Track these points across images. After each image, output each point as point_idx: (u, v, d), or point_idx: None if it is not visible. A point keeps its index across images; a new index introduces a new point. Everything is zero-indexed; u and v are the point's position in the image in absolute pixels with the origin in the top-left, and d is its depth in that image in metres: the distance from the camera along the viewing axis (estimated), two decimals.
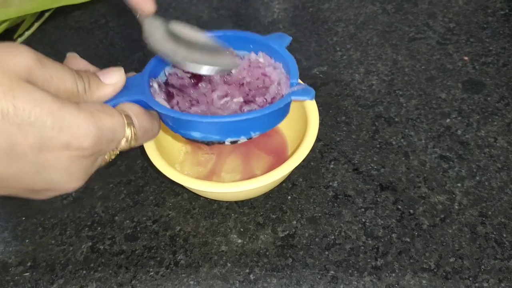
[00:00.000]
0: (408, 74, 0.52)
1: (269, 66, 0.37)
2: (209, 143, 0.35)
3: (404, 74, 0.52)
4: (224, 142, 0.34)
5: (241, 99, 0.35)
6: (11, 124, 0.25)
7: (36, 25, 0.64)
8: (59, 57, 0.31)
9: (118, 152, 0.33)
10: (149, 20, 0.35)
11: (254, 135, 0.34)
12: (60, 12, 0.65)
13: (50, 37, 0.64)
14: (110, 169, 0.47)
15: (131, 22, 0.63)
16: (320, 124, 0.47)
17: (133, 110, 0.32)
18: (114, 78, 0.32)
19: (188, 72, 0.36)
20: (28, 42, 0.62)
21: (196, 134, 0.33)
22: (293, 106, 0.43)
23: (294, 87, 0.34)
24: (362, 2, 0.62)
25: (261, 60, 0.37)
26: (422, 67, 0.53)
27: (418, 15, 0.59)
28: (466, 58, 0.53)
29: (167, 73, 0.37)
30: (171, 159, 0.43)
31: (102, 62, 0.58)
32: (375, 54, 0.55)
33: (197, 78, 0.37)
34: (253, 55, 0.37)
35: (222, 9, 0.64)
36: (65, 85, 0.28)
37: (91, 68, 0.33)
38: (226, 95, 0.36)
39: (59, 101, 0.27)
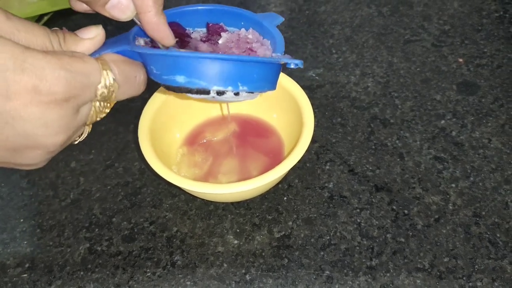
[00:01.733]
0: (403, 76, 0.53)
1: (256, 42, 0.37)
2: (192, 91, 0.32)
3: (399, 76, 0.53)
4: (209, 92, 0.32)
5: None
6: None
7: None
8: None
9: (107, 110, 0.32)
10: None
11: (242, 89, 0.32)
12: (59, 15, 0.66)
13: None
14: (107, 171, 0.47)
15: (130, 27, 0.64)
16: (316, 125, 0.48)
17: (111, 57, 0.30)
18: (92, 33, 0.30)
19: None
20: None
21: (180, 79, 0.31)
22: (289, 107, 0.43)
23: (281, 55, 0.34)
24: (358, 5, 0.62)
25: (250, 36, 0.37)
26: (417, 69, 0.53)
27: (413, 18, 0.59)
28: (460, 60, 0.54)
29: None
30: (168, 161, 0.43)
31: None
32: (371, 56, 0.55)
33: (184, 45, 0.36)
34: (243, 30, 0.37)
35: None
36: (35, 38, 0.27)
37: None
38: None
39: (23, 46, 0.25)
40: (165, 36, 0.33)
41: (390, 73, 0.53)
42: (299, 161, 0.38)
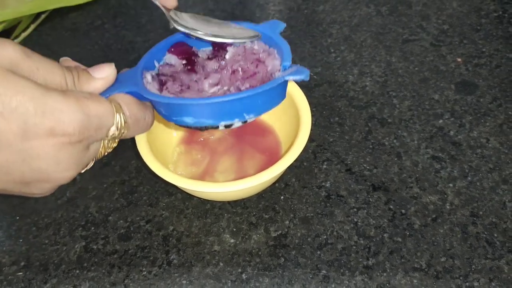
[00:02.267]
0: (401, 76, 0.52)
1: (263, 52, 0.37)
2: (202, 129, 0.34)
3: (397, 76, 0.53)
4: (218, 127, 0.33)
5: (232, 89, 0.35)
6: None
7: (33, 26, 0.64)
8: (56, 58, 0.31)
9: (114, 145, 0.33)
10: (173, 12, 0.36)
11: (249, 117, 0.34)
12: (56, 13, 0.66)
13: (46, 38, 0.64)
14: (104, 169, 0.47)
15: (126, 24, 0.64)
16: (314, 125, 0.48)
17: (123, 99, 0.32)
18: (104, 72, 0.32)
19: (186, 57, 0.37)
20: (24, 44, 0.63)
21: (188, 120, 0.33)
22: (286, 106, 0.43)
23: (287, 70, 0.34)
24: (356, 4, 0.62)
25: (255, 47, 0.37)
26: (416, 69, 0.53)
27: (412, 17, 0.59)
28: (459, 59, 0.53)
29: (158, 65, 0.38)
30: (165, 160, 0.43)
31: (98, 63, 0.58)
32: (369, 55, 0.55)
33: (191, 63, 0.37)
34: (248, 43, 0.37)
35: (217, 10, 0.64)
36: (53, 77, 0.28)
37: (82, 67, 0.33)
38: (217, 84, 0.36)
39: (43, 88, 0.27)
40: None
41: (388, 72, 0.53)
42: (296, 160, 0.38)
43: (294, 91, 0.43)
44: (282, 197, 0.43)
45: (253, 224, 0.41)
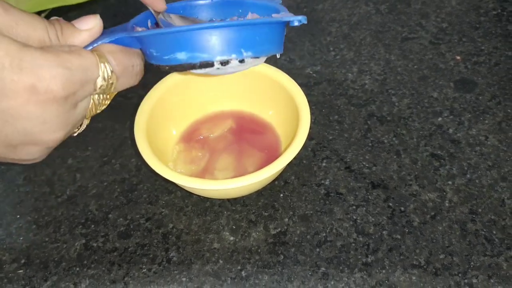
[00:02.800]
0: (400, 74, 0.53)
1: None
2: (196, 66, 0.31)
3: (396, 74, 0.53)
4: (213, 64, 0.31)
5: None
6: None
7: None
8: None
9: (107, 102, 0.32)
10: (163, 14, 0.35)
11: (246, 55, 0.31)
12: (56, 13, 0.66)
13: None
14: (104, 167, 0.47)
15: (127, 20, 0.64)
16: (313, 123, 0.48)
17: (107, 47, 0.30)
18: (89, 24, 0.30)
19: None
20: None
21: (181, 56, 0.31)
22: (285, 104, 0.43)
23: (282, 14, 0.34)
24: (356, 3, 0.62)
25: (249, 17, 0.37)
26: (415, 67, 0.53)
27: (411, 15, 0.59)
28: (458, 57, 0.53)
29: (150, 25, 0.37)
30: (165, 158, 0.43)
31: None
32: (368, 53, 0.55)
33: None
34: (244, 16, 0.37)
35: None
36: (34, 31, 0.27)
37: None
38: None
39: (19, 43, 0.25)
40: (155, 1, 0.34)
41: (387, 70, 0.53)
42: (295, 158, 0.38)
43: (293, 89, 0.43)
44: (281, 195, 0.43)
45: (252, 222, 0.42)
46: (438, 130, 0.47)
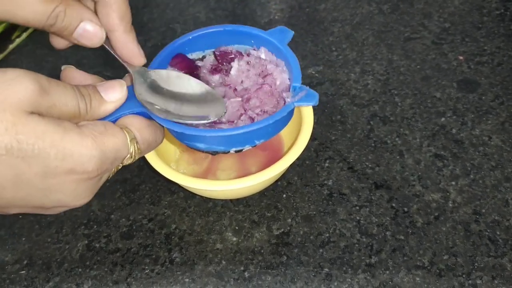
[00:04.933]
0: (403, 74, 0.52)
1: (270, 63, 0.36)
2: (214, 153, 0.35)
3: (399, 74, 0.52)
4: (229, 152, 0.34)
5: (239, 99, 0.35)
6: (16, 157, 0.26)
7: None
8: (57, 57, 0.31)
9: (121, 165, 0.33)
10: (137, 72, 0.34)
11: (259, 142, 0.34)
12: None
13: (47, 38, 0.64)
14: None
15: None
16: (316, 123, 0.48)
17: (135, 124, 0.32)
18: (115, 95, 0.32)
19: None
20: (25, 43, 0.63)
21: (200, 145, 0.34)
22: None
23: (298, 94, 0.34)
24: (358, 3, 0.62)
25: (262, 56, 0.37)
26: (417, 67, 0.53)
27: (413, 15, 0.59)
28: (461, 57, 0.53)
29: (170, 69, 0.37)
30: (167, 158, 0.43)
31: (100, 62, 0.58)
32: (371, 54, 0.55)
33: (193, 76, 0.36)
34: (253, 51, 0.37)
35: (219, 9, 0.64)
36: (67, 109, 0.29)
37: (89, 79, 0.33)
38: (224, 96, 0.36)
39: (61, 130, 0.27)
40: (134, 55, 0.34)
41: (390, 70, 0.53)
42: (298, 159, 0.38)
43: None
44: (284, 195, 0.43)
45: (255, 222, 0.41)
46: (441, 130, 0.47)
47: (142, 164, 0.47)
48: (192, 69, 0.37)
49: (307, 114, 0.40)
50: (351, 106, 0.50)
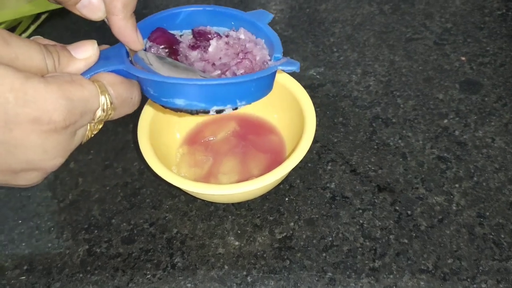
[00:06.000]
0: (405, 75, 0.52)
1: (249, 42, 0.36)
2: (192, 112, 0.32)
3: (401, 75, 0.52)
4: (209, 112, 0.32)
5: (218, 72, 0.34)
6: None
7: (33, 27, 0.64)
8: None
9: (100, 126, 0.32)
10: (139, 53, 0.34)
11: (240, 104, 0.33)
12: (57, 14, 0.65)
13: (47, 39, 0.63)
14: (106, 171, 0.47)
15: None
16: (317, 125, 0.47)
17: (108, 78, 0.30)
18: (86, 52, 0.30)
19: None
20: None
21: (180, 102, 0.32)
22: (290, 106, 0.43)
23: (279, 60, 0.33)
24: (359, 3, 0.62)
25: (241, 36, 0.36)
26: (419, 68, 0.53)
27: (415, 16, 0.59)
28: (463, 58, 0.53)
29: (146, 46, 0.36)
30: (168, 161, 0.43)
31: None
32: (372, 55, 0.55)
33: (174, 53, 0.36)
34: (232, 32, 0.37)
35: None
36: (32, 61, 0.27)
37: (60, 45, 0.31)
38: (203, 71, 0.35)
39: (23, 76, 0.26)
40: (132, 40, 0.33)
41: (392, 71, 0.53)
42: (300, 161, 0.37)
43: (298, 91, 0.42)
44: (286, 199, 0.43)
45: (257, 226, 0.41)
46: (444, 132, 0.46)
47: (143, 168, 0.47)
48: (172, 43, 0.36)
49: (309, 117, 0.40)
50: (353, 108, 0.49)
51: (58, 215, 0.44)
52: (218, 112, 0.33)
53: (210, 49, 0.36)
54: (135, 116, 0.42)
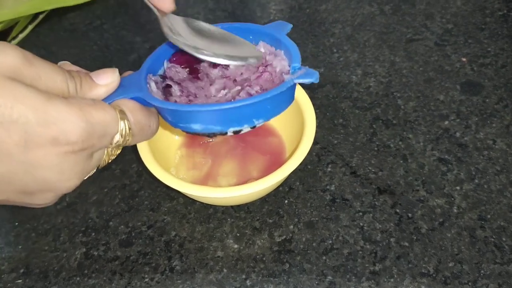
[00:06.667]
0: (406, 76, 0.52)
1: (269, 54, 0.36)
2: (211, 135, 0.33)
3: (401, 76, 0.52)
4: (226, 133, 0.33)
5: (238, 87, 0.34)
6: None
7: (30, 27, 0.63)
8: (54, 60, 0.30)
9: (118, 152, 0.32)
10: (168, 18, 0.34)
11: (258, 123, 0.33)
12: (54, 14, 0.65)
13: (44, 39, 0.63)
14: (104, 173, 0.46)
15: (126, 24, 0.63)
16: (317, 126, 0.47)
17: (128, 105, 0.31)
18: (107, 79, 0.31)
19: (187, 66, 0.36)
20: (22, 45, 0.62)
21: (196, 126, 0.32)
22: (289, 107, 0.42)
23: (297, 72, 0.33)
24: (359, 3, 0.61)
25: (261, 49, 0.36)
26: (420, 69, 0.52)
27: (415, 16, 0.58)
28: (464, 59, 0.53)
29: (165, 68, 0.37)
30: (166, 163, 0.42)
31: (97, 64, 0.57)
32: (373, 55, 0.54)
33: (195, 71, 0.36)
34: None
35: (218, 10, 0.63)
36: (55, 84, 0.27)
37: (84, 71, 0.32)
38: (224, 88, 0.35)
39: (45, 96, 0.26)
40: (162, 1, 0.33)
41: (392, 72, 0.52)
42: (300, 164, 0.37)
43: (297, 92, 0.42)
44: (286, 201, 0.42)
45: (257, 229, 0.41)
46: (445, 134, 0.46)
47: (141, 170, 0.46)
48: (192, 62, 0.36)
49: (309, 118, 0.40)
50: (353, 109, 0.49)
51: (55, 218, 0.43)
52: (236, 132, 0.33)
53: (231, 65, 0.36)
54: None
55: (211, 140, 0.46)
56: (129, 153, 0.48)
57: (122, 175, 0.46)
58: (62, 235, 0.42)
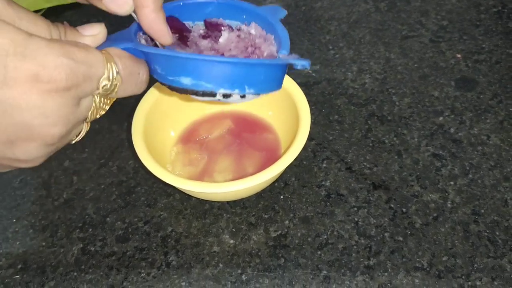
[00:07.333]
0: (401, 72, 0.52)
1: (259, 37, 0.36)
2: (198, 93, 0.31)
3: (397, 72, 0.52)
4: (215, 95, 0.31)
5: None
6: None
7: None
8: None
9: (107, 107, 0.31)
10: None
11: (248, 92, 0.31)
12: (51, 12, 0.65)
13: None
14: (101, 170, 0.47)
15: (123, 22, 0.63)
16: (313, 123, 0.47)
17: (116, 51, 0.29)
18: (94, 30, 0.29)
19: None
20: None
21: (186, 81, 0.30)
22: (285, 104, 0.43)
23: (288, 55, 0.33)
24: (354, 1, 0.61)
25: (252, 31, 0.36)
26: (415, 65, 0.52)
27: (410, 13, 0.59)
28: (459, 55, 0.53)
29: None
30: (163, 159, 0.43)
31: None
32: (368, 52, 0.55)
33: (184, 39, 0.36)
34: (244, 26, 0.37)
35: None
36: (36, 27, 0.26)
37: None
38: None
39: (25, 33, 0.24)
40: (162, 34, 0.32)
41: (387, 69, 0.53)
42: (295, 159, 0.37)
43: (293, 89, 0.42)
44: (281, 197, 0.43)
45: (252, 225, 0.41)
46: (440, 129, 0.46)
47: (137, 166, 0.46)
48: (182, 31, 0.36)
49: (304, 114, 0.40)
50: (349, 105, 0.49)
51: (53, 214, 0.44)
52: (225, 96, 0.31)
53: (221, 40, 0.35)
54: (129, 114, 0.42)
55: (209, 136, 0.46)
56: (126, 150, 0.48)
57: (119, 172, 0.46)
58: (59, 231, 0.42)
